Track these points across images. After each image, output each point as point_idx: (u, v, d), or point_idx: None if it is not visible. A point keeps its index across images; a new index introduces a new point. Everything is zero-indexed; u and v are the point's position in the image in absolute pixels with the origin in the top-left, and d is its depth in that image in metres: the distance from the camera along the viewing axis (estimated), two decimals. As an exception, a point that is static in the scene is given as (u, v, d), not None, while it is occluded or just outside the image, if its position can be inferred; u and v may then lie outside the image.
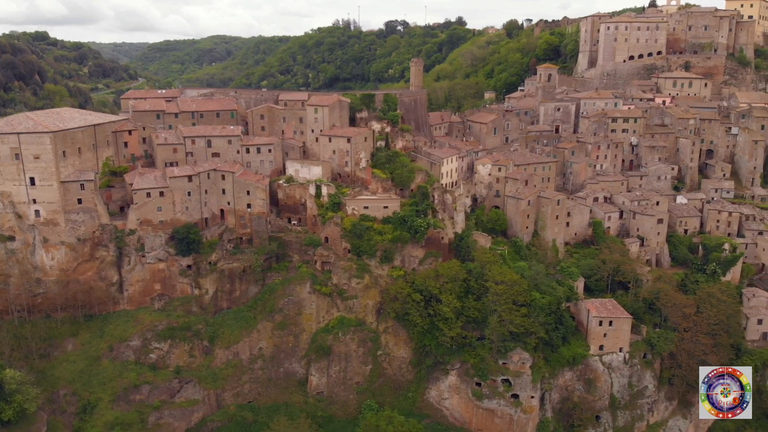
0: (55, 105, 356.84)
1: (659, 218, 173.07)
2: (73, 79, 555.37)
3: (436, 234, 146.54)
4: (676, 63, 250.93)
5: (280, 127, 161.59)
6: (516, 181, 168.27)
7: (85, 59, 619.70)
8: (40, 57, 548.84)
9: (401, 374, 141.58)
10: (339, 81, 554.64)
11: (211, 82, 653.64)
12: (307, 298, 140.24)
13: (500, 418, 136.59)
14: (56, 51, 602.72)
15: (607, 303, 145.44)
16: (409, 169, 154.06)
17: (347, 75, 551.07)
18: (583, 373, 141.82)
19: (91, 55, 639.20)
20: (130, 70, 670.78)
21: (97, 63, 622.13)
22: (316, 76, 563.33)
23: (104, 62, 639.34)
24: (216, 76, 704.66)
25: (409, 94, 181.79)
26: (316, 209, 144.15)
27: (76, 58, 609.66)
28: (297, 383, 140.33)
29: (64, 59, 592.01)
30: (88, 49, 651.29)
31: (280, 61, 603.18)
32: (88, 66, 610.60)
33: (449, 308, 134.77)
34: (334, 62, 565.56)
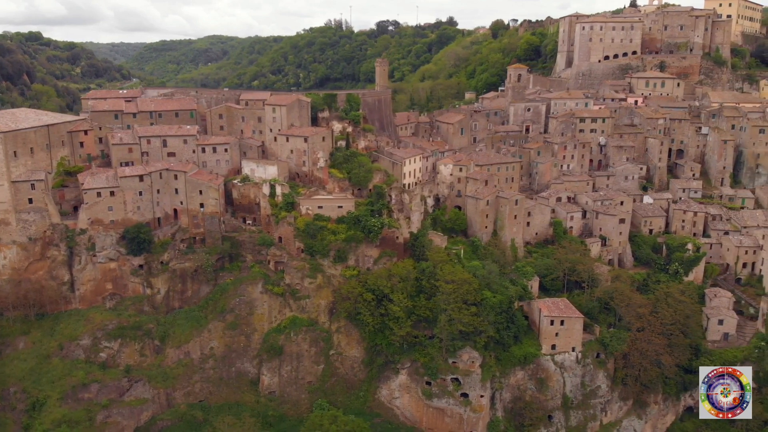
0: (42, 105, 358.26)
1: (621, 218, 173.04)
2: (65, 79, 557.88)
3: (391, 234, 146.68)
4: (651, 63, 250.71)
5: (239, 126, 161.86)
6: (476, 181, 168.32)
7: (78, 59, 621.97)
8: (33, 57, 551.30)
9: (353, 374, 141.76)
10: (330, 81, 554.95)
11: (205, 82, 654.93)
12: (259, 298, 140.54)
13: (450, 417, 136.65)
14: (49, 51, 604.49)
15: (559, 302, 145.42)
16: (366, 169, 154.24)
17: (338, 75, 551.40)
18: (534, 373, 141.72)
19: (84, 55, 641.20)
20: (123, 71, 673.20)
21: (90, 63, 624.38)
22: (307, 75, 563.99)
23: (97, 62, 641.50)
24: (210, 76, 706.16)
25: (372, 94, 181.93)
26: (269, 209, 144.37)
27: (69, 59, 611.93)
28: (249, 383, 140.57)
29: (56, 59, 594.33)
30: (81, 49, 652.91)
31: (271, 61, 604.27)
32: (81, 66, 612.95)
33: (399, 307, 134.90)
34: (325, 62, 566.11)
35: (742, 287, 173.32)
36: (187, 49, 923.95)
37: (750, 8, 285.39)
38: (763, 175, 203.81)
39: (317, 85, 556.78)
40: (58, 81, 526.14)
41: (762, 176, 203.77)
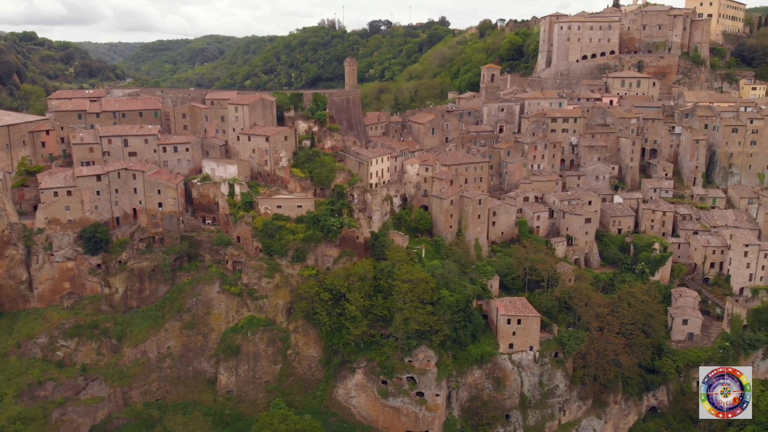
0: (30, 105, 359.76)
1: (587, 218, 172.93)
2: (58, 79, 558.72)
3: (351, 233, 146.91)
4: (629, 62, 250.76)
5: (203, 126, 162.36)
6: (441, 181, 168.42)
7: (72, 59, 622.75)
8: (26, 57, 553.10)
9: (311, 373, 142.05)
10: (321, 80, 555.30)
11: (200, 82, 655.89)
12: (216, 297, 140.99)
13: (406, 416, 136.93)
14: (43, 51, 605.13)
15: (517, 301, 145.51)
16: (329, 169, 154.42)
17: (329, 75, 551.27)
18: (492, 372, 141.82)
19: (78, 55, 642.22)
20: (117, 70, 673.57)
21: (84, 63, 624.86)
22: (299, 75, 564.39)
23: (91, 62, 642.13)
24: (205, 75, 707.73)
25: (340, 93, 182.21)
26: (228, 208, 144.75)
27: (63, 59, 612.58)
28: (206, 382, 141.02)
29: (50, 59, 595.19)
30: (75, 49, 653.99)
31: (264, 61, 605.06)
32: (75, 66, 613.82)
33: (356, 307, 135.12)
34: (317, 62, 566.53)
35: (709, 287, 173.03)
36: (183, 48, 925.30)
37: (732, 7, 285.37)
38: (736, 175, 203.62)
39: (309, 84, 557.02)
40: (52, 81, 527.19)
41: (735, 176, 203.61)
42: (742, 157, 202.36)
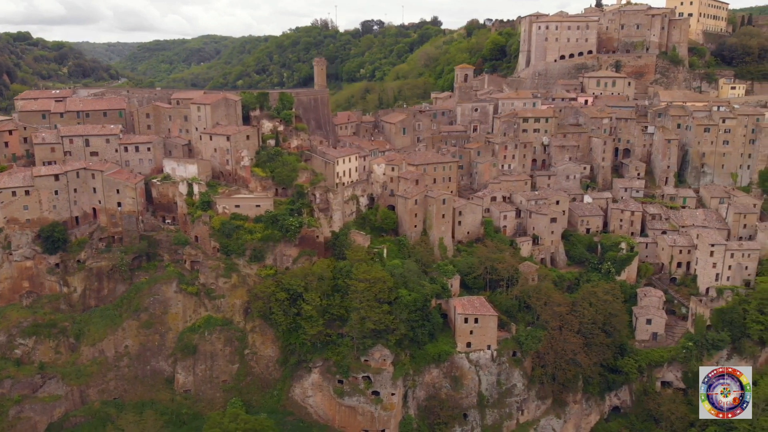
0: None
1: (552, 217, 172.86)
2: (51, 79, 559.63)
3: (311, 233, 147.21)
4: (607, 62, 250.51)
5: (166, 125, 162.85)
6: (407, 181, 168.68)
7: (66, 59, 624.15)
8: (20, 57, 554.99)
9: (269, 373, 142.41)
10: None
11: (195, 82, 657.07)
12: (173, 297, 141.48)
13: (362, 416, 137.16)
14: (37, 51, 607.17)
15: (475, 300, 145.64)
16: (291, 168, 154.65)
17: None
18: (449, 371, 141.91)
19: (72, 55, 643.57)
20: (111, 70, 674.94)
21: (77, 63, 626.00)
22: (290, 75, 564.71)
23: (85, 62, 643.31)
24: (201, 75, 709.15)
25: (308, 93, 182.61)
26: (186, 208, 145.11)
27: (57, 59, 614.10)
28: (164, 381, 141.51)
29: (43, 59, 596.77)
30: (69, 49, 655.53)
31: (257, 61, 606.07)
32: (68, 66, 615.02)
33: (312, 306, 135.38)
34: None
35: (676, 287, 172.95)
36: (180, 48, 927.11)
37: (714, 7, 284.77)
38: (708, 175, 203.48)
39: (300, 84, 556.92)
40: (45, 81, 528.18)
41: (707, 175, 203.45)
42: (714, 156, 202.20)
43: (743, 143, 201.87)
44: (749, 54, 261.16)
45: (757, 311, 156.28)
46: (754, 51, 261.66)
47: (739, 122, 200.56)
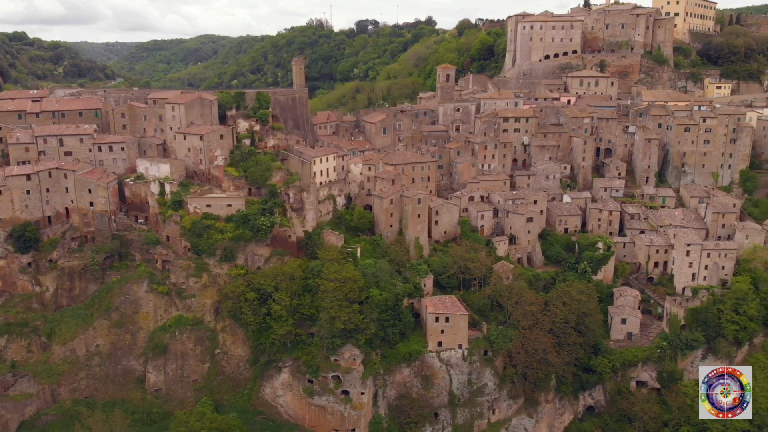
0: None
1: (528, 217, 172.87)
2: (47, 79, 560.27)
3: (283, 232, 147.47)
4: (592, 62, 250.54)
5: (142, 125, 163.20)
6: (383, 180, 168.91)
7: (62, 59, 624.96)
8: (15, 57, 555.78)
9: (239, 372, 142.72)
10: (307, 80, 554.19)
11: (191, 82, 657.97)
12: (144, 296, 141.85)
13: (331, 415, 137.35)
14: (32, 51, 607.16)
15: (446, 300, 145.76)
16: (264, 168, 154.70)
17: (315, 74, 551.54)
18: (420, 370, 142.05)
19: (68, 55, 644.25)
20: (107, 70, 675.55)
21: (73, 63, 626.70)
22: (285, 75, 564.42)
23: (81, 62, 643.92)
24: (197, 75, 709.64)
25: (285, 92, 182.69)
26: (157, 207, 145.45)
27: (52, 58, 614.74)
28: (135, 380, 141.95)
29: (39, 59, 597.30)
30: (65, 49, 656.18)
31: (251, 60, 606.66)
32: (64, 66, 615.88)
33: (281, 306, 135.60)
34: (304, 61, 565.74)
35: (653, 286, 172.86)
36: (177, 48, 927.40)
37: (701, 6, 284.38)
38: (689, 174, 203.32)
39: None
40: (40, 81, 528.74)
41: (688, 175, 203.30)
42: (695, 156, 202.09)
43: (724, 143, 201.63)
44: (735, 53, 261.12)
45: (732, 311, 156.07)
46: (740, 50, 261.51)
47: (719, 122, 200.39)
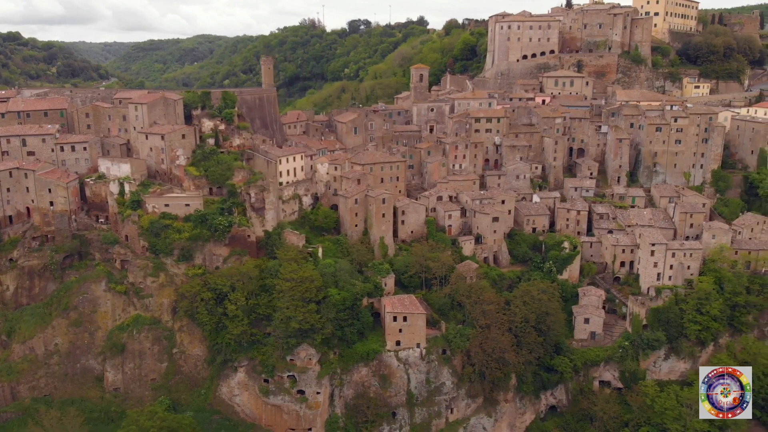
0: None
1: (494, 217, 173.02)
2: (40, 79, 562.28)
3: (242, 232, 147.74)
4: (569, 62, 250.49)
5: (106, 125, 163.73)
6: (349, 180, 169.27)
7: (55, 59, 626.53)
8: (8, 57, 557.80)
9: (197, 371, 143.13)
10: (299, 80, 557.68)
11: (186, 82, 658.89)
12: (102, 296, 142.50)
13: (287, 414, 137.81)
14: (26, 51, 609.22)
15: (405, 299, 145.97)
16: (226, 167, 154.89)
17: (307, 74, 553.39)
18: (378, 369, 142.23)
19: (62, 55, 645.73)
20: (101, 70, 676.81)
21: (67, 63, 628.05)
22: (276, 75, 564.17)
23: (74, 62, 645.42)
24: (192, 75, 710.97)
25: (252, 92, 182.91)
26: (116, 207, 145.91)
27: (46, 59, 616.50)
28: (94, 379, 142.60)
29: (33, 59, 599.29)
30: (58, 49, 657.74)
31: (244, 60, 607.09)
32: (57, 66, 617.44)
33: (236, 306, 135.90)
34: (295, 61, 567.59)
35: (620, 286, 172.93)
36: (174, 48, 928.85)
37: (683, 5, 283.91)
38: (661, 174, 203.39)
39: (286, 83, 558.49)
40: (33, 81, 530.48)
41: (660, 175, 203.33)
42: (666, 156, 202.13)
43: (696, 143, 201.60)
44: (714, 53, 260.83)
45: (694, 311, 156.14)
46: (719, 50, 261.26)
47: (691, 121, 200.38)
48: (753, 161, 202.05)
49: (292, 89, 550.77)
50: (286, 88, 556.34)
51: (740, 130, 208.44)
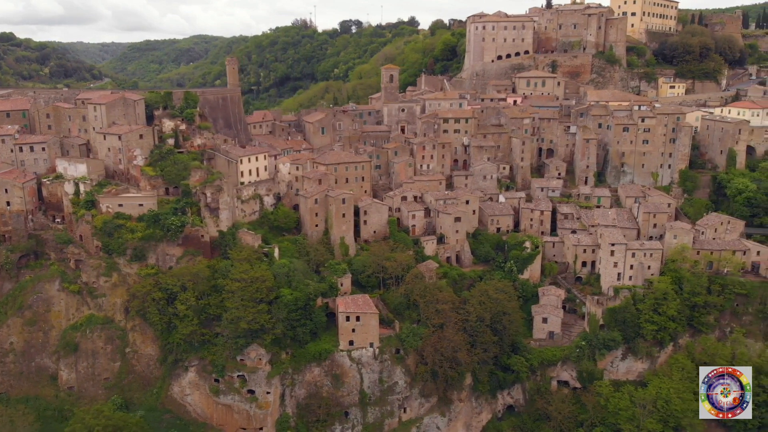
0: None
1: (456, 217, 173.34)
2: (32, 79, 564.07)
3: (195, 232, 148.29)
4: (543, 62, 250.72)
5: (67, 125, 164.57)
6: (310, 180, 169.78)
7: (48, 60, 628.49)
8: (1, 58, 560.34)
9: (150, 371, 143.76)
10: (290, 80, 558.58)
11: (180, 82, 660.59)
12: (56, 295, 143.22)
13: (238, 414, 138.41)
14: (19, 52, 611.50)
15: (358, 299, 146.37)
16: (182, 167, 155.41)
17: (297, 74, 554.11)
18: (330, 369, 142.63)
19: (55, 55, 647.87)
20: (94, 71, 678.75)
21: (59, 63, 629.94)
22: (267, 75, 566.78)
23: (67, 63, 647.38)
24: (186, 75, 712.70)
25: (215, 92, 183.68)
26: (71, 207, 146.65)
27: (38, 59, 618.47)
28: (49, 377, 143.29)
29: (25, 60, 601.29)
30: (52, 49, 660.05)
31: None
32: (50, 66, 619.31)
33: (185, 306, 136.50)
34: (286, 61, 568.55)
35: (582, 286, 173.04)
36: (170, 48, 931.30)
37: (661, 5, 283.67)
38: (628, 174, 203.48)
39: (277, 84, 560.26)
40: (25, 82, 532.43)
41: (627, 175, 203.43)
42: (634, 156, 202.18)
43: (664, 143, 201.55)
44: (690, 53, 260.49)
45: (651, 311, 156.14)
46: (695, 50, 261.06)
47: (658, 121, 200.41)
48: (722, 161, 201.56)
49: (282, 89, 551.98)
50: (277, 88, 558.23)
51: (710, 130, 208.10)
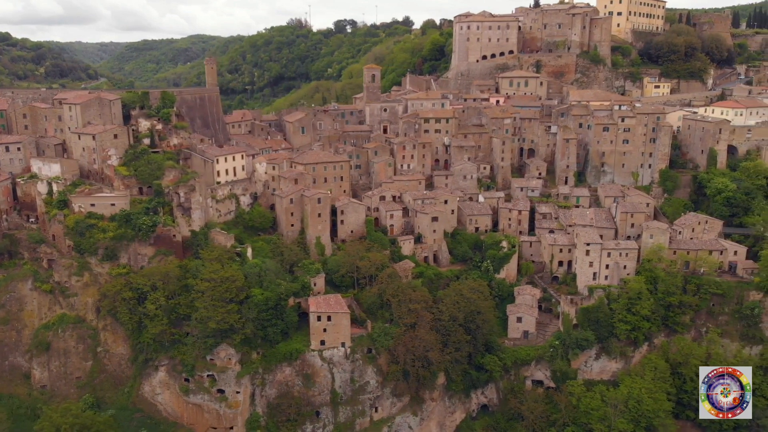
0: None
1: (433, 216, 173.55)
2: (28, 79, 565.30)
3: (167, 232, 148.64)
4: (528, 62, 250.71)
5: (43, 125, 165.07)
6: (287, 180, 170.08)
7: (44, 60, 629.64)
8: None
9: (121, 370, 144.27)
10: (284, 80, 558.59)
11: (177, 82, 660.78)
12: (29, 294, 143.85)
13: (208, 413, 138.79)
14: (15, 52, 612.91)
15: (330, 298, 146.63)
16: (156, 167, 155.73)
17: (291, 74, 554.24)
18: (302, 369, 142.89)
19: (51, 55, 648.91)
20: (90, 70, 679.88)
21: (55, 63, 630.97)
22: (261, 74, 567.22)
23: (63, 62, 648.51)
24: (183, 75, 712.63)
25: (193, 92, 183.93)
26: (44, 207, 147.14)
27: (34, 59, 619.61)
28: (22, 376, 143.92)
29: (21, 60, 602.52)
30: (47, 49, 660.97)
31: (230, 60, 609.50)
32: (45, 66, 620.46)
33: (155, 306, 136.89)
34: (280, 61, 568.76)
35: (558, 285, 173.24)
36: (168, 48, 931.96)
37: (648, 5, 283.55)
38: (608, 174, 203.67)
39: (271, 83, 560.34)
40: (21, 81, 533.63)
41: (608, 174, 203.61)
42: (614, 155, 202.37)
43: (644, 142, 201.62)
44: (675, 52, 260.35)
45: (625, 311, 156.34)
46: (681, 49, 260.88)
47: (638, 121, 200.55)
48: (703, 161, 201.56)
49: (276, 89, 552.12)
50: (271, 87, 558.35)
51: (691, 129, 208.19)
